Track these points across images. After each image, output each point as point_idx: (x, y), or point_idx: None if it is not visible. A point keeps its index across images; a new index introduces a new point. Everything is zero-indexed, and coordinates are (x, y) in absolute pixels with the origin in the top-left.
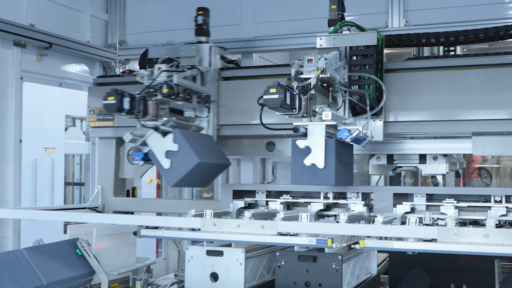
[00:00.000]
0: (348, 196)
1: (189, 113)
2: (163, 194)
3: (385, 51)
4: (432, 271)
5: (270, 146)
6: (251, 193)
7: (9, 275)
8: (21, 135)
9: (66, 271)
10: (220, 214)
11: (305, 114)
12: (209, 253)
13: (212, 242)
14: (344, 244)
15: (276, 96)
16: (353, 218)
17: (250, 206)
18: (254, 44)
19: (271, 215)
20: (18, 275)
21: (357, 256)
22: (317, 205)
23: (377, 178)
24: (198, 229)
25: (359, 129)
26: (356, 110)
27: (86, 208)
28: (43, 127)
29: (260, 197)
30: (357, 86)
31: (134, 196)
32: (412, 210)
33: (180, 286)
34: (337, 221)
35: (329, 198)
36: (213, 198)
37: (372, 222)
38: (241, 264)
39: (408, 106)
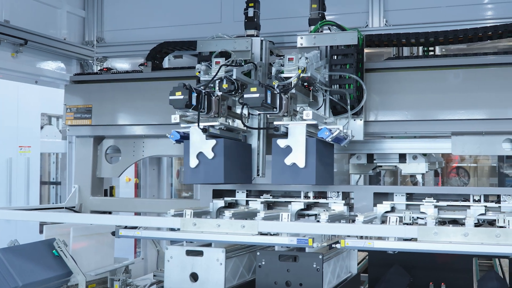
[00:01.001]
0: (329, 196)
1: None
2: (142, 194)
3: (365, 50)
4: (411, 269)
5: None
6: (231, 193)
7: None
8: None
9: (43, 272)
10: (200, 214)
11: (286, 113)
12: (189, 253)
13: (192, 242)
14: (324, 244)
15: (257, 95)
16: (334, 218)
17: (230, 205)
18: None
19: (252, 215)
20: None
21: (338, 255)
22: (298, 204)
23: (357, 177)
24: (177, 229)
25: (340, 128)
26: (336, 110)
27: (63, 208)
28: (18, 125)
29: (240, 197)
30: (337, 85)
31: (112, 195)
32: (392, 210)
33: (159, 286)
34: (318, 221)
35: (309, 197)
36: (193, 197)
37: (353, 221)
38: (221, 264)
39: (388, 106)
